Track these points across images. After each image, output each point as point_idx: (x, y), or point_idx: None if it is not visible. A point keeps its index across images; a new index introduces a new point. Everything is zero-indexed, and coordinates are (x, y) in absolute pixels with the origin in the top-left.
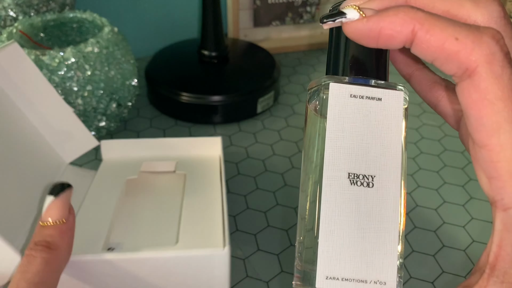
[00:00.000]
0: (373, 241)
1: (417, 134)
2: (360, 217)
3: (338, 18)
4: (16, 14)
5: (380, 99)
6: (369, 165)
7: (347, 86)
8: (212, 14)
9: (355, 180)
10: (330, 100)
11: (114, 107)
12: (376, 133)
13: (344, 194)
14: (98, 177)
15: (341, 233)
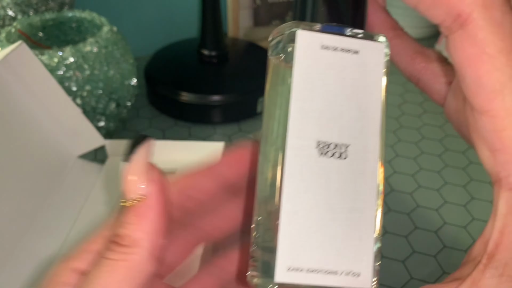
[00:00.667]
0: (345, 224)
1: (418, 134)
2: (330, 195)
3: None
4: (15, 14)
5: (357, 52)
6: (343, 132)
7: (318, 35)
8: (212, 13)
9: (326, 150)
10: (297, 52)
11: (113, 107)
12: (351, 93)
13: (312, 167)
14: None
15: (308, 214)
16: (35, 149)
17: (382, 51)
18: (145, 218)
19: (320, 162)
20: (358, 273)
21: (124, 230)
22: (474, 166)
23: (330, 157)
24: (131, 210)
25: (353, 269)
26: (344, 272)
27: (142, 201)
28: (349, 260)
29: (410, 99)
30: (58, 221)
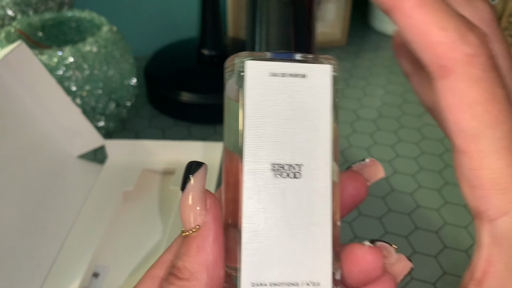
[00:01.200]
0: (302, 238)
1: (418, 134)
2: (287, 212)
3: None
4: (15, 13)
5: (305, 75)
6: (295, 153)
7: (266, 64)
8: (211, 13)
9: (280, 172)
10: (247, 81)
11: (113, 107)
12: (301, 116)
13: (268, 188)
14: (99, 181)
15: (267, 232)
16: (35, 149)
17: (328, 72)
18: (202, 250)
19: (276, 183)
20: (317, 283)
21: (182, 263)
22: None
23: (284, 177)
24: (188, 240)
25: (312, 279)
26: (304, 282)
27: (199, 232)
28: (308, 271)
29: (410, 99)
30: (57, 221)
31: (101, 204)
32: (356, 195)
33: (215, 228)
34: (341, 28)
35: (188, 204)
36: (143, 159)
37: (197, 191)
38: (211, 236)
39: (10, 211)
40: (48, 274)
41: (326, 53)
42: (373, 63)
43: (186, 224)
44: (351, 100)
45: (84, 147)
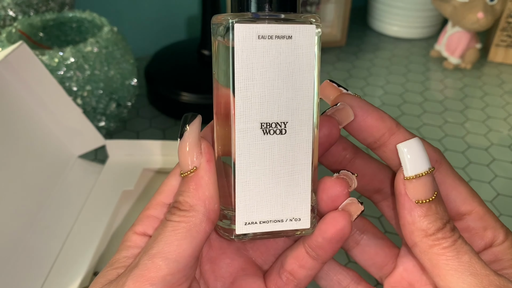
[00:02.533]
0: (287, 184)
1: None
2: (274, 163)
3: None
4: (16, 14)
5: (291, 36)
6: (281, 111)
7: (254, 26)
8: (212, 13)
9: (268, 130)
10: (236, 45)
11: (113, 107)
12: (287, 76)
13: (258, 145)
14: (100, 180)
15: (256, 182)
16: (36, 149)
17: (312, 33)
18: (200, 186)
19: (264, 140)
20: (299, 218)
21: (182, 198)
22: (473, 166)
23: (272, 134)
24: (187, 179)
25: (294, 216)
26: (288, 219)
27: (195, 172)
28: (291, 210)
29: (410, 99)
30: (58, 221)
31: (101, 204)
32: (329, 135)
33: (209, 169)
34: (340, 28)
35: (185, 149)
36: (143, 159)
37: (193, 138)
38: (206, 175)
39: (11, 210)
40: (49, 273)
41: (326, 53)
42: (372, 64)
43: (184, 166)
44: None
45: (85, 147)
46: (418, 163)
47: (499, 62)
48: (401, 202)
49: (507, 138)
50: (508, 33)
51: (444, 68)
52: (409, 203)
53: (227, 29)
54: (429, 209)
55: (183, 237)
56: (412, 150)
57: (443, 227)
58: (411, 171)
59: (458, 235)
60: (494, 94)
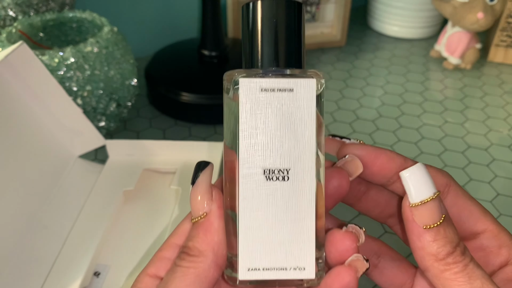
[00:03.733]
0: (290, 231)
1: (417, 134)
2: (277, 210)
3: None
4: (16, 14)
5: (292, 89)
6: (284, 159)
7: (256, 80)
8: (212, 13)
9: (271, 176)
10: (241, 97)
11: (113, 107)
12: (289, 125)
13: (261, 190)
14: (100, 180)
15: (260, 227)
16: (36, 149)
17: (312, 86)
18: (209, 232)
19: (267, 185)
20: (303, 267)
21: (192, 243)
22: (473, 166)
23: (275, 180)
24: (197, 225)
25: (299, 265)
26: (292, 267)
27: (205, 218)
28: (295, 259)
29: (410, 99)
30: (58, 221)
31: (102, 204)
32: (339, 187)
33: (219, 215)
34: (340, 28)
35: (197, 195)
36: (143, 159)
37: (205, 185)
38: (216, 222)
39: (11, 210)
40: (49, 273)
41: (325, 53)
42: (372, 64)
43: (195, 212)
44: (350, 100)
45: (85, 147)
46: (422, 189)
47: (499, 62)
48: (410, 228)
49: (507, 138)
50: (508, 33)
51: (444, 68)
52: (418, 229)
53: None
54: (438, 233)
55: (192, 282)
56: (415, 177)
57: (453, 251)
58: (416, 198)
59: (469, 259)
60: (494, 94)
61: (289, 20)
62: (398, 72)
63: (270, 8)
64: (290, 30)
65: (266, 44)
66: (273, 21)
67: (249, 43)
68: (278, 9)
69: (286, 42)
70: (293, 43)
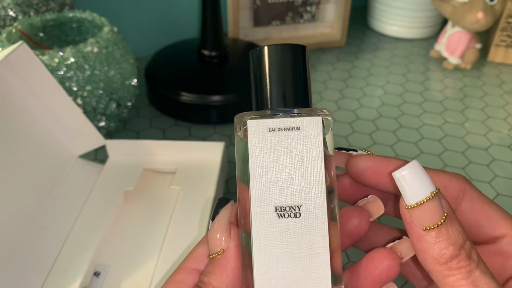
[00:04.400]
0: (305, 268)
1: (417, 134)
2: (291, 246)
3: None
4: (16, 14)
5: (299, 128)
6: (295, 196)
7: (263, 121)
8: (212, 13)
9: (283, 213)
10: (250, 138)
11: (113, 107)
12: (298, 163)
13: (274, 228)
14: (100, 180)
15: (274, 265)
16: (36, 149)
17: (319, 123)
18: (225, 270)
19: (280, 223)
20: None
21: (207, 279)
22: (473, 166)
23: (287, 218)
24: (214, 261)
25: None
26: None
27: (223, 255)
28: None
29: (409, 99)
30: (58, 221)
31: (102, 204)
32: (359, 226)
33: (236, 253)
34: (340, 28)
35: (216, 231)
36: (143, 159)
37: (224, 221)
38: (232, 260)
39: (12, 210)
40: (49, 273)
41: (325, 53)
42: (372, 64)
43: (212, 247)
44: (350, 100)
45: (85, 147)
46: (418, 189)
47: (499, 62)
48: (409, 230)
49: (507, 138)
50: (508, 33)
51: (444, 68)
52: (417, 231)
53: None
54: (439, 235)
55: None
56: (408, 176)
57: (458, 254)
58: (411, 199)
59: (476, 264)
60: (494, 94)
61: (295, 62)
62: (398, 72)
63: (276, 52)
64: (296, 72)
65: (273, 86)
66: (278, 64)
67: (258, 86)
68: (283, 53)
69: (293, 83)
70: (299, 84)
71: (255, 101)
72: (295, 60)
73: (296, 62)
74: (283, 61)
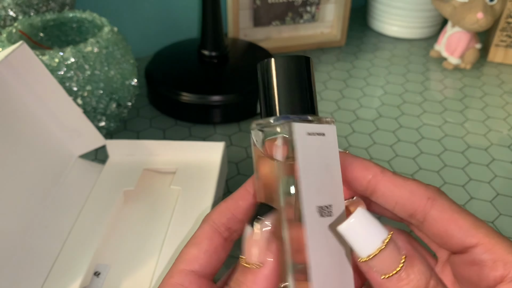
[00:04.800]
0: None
1: (417, 134)
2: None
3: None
4: (16, 14)
5: (324, 134)
6: (326, 196)
7: (306, 125)
8: (212, 14)
9: (323, 212)
10: (297, 141)
11: (113, 107)
12: (326, 165)
13: (320, 227)
14: (100, 180)
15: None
16: (36, 149)
17: (335, 130)
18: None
19: (322, 222)
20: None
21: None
22: (473, 166)
23: (325, 217)
24: (249, 271)
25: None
26: None
27: (260, 269)
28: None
29: (409, 99)
30: (58, 221)
31: (102, 204)
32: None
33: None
34: (340, 28)
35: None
36: (144, 159)
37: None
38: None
39: (12, 210)
40: (50, 273)
41: (325, 53)
42: (372, 64)
43: (250, 256)
44: (350, 100)
45: (85, 147)
46: (368, 241)
47: (499, 62)
48: (369, 278)
49: (507, 138)
50: (508, 33)
51: (444, 68)
52: (377, 280)
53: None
54: (400, 280)
55: None
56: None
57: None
58: (363, 253)
59: None
60: (494, 94)
61: (306, 73)
62: (398, 72)
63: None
64: (308, 81)
65: (287, 92)
66: (290, 75)
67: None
68: (296, 64)
69: (307, 91)
70: (310, 90)
71: (266, 109)
72: (306, 71)
73: (306, 72)
74: (297, 71)
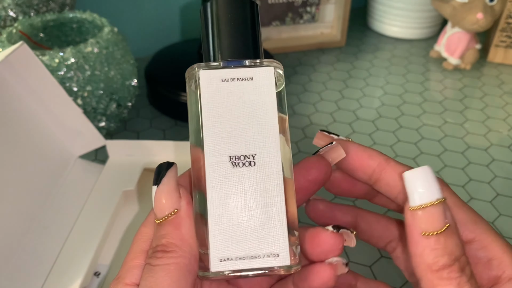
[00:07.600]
0: (261, 217)
1: (417, 134)
2: (246, 196)
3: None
4: (16, 14)
5: (252, 78)
6: (249, 145)
7: (216, 72)
8: None
9: (237, 162)
10: (202, 88)
11: (114, 107)
12: (251, 113)
13: (228, 177)
14: (100, 180)
15: (229, 215)
16: (36, 149)
17: (271, 73)
18: (183, 227)
19: (234, 172)
20: (277, 254)
21: (166, 240)
22: (473, 166)
23: (241, 166)
24: (167, 223)
25: (272, 251)
26: (265, 255)
27: (177, 214)
28: (268, 245)
29: (409, 100)
30: (58, 221)
31: (102, 204)
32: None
33: (189, 211)
34: (340, 29)
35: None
36: (143, 159)
37: (173, 183)
38: (188, 217)
39: (12, 211)
40: (50, 273)
41: (325, 53)
42: (372, 64)
43: (162, 210)
44: (350, 100)
45: (85, 147)
46: (424, 193)
47: (499, 62)
48: (408, 232)
49: (507, 139)
50: (508, 34)
51: (444, 68)
52: (416, 235)
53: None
54: (437, 243)
55: (178, 278)
56: (417, 179)
57: (451, 264)
58: (415, 201)
59: (467, 278)
60: (494, 95)
61: (245, 15)
62: (397, 72)
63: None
64: (247, 24)
65: (224, 38)
66: (229, 16)
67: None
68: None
69: (244, 35)
70: (250, 36)
71: (206, 53)
72: (246, 14)
73: (246, 15)
74: (234, 14)
